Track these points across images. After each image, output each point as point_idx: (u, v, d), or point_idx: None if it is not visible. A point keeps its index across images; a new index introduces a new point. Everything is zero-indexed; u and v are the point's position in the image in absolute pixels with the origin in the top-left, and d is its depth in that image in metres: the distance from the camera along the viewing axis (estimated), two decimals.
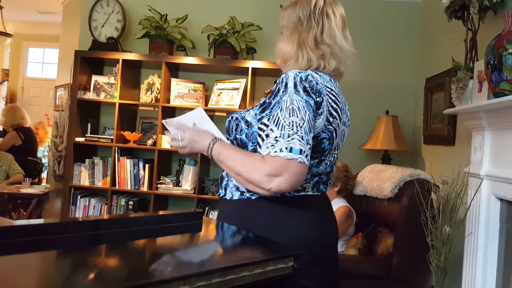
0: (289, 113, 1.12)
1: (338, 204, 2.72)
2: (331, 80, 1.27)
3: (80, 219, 1.06)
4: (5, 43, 6.72)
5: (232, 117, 1.29)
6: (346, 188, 2.83)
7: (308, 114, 1.13)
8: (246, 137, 1.23)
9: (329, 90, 1.23)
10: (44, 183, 4.88)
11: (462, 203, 2.08)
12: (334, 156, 1.30)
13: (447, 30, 2.84)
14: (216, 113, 3.73)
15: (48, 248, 0.90)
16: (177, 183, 3.55)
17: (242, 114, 1.27)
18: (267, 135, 1.14)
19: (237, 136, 1.26)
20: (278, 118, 1.13)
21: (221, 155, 1.22)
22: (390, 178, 2.61)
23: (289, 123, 1.11)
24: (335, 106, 1.23)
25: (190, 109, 3.75)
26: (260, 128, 1.17)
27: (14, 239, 0.88)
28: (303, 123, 1.11)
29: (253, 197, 1.24)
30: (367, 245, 2.64)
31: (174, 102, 3.55)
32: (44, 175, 5.49)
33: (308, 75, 1.18)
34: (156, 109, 3.66)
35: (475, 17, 2.30)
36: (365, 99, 3.65)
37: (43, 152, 5.78)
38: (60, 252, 0.92)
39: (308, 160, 1.11)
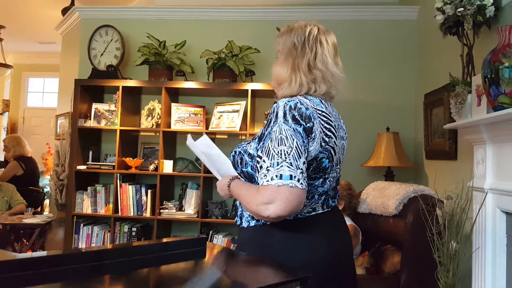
0: (278, 143, 1.18)
1: None
2: (321, 102, 1.32)
3: (83, 250, 1.05)
4: (6, 74, 6.80)
5: (235, 152, 1.36)
6: (350, 206, 2.81)
7: (296, 141, 1.18)
8: (251, 169, 1.30)
9: (320, 112, 1.27)
10: (46, 212, 4.86)
11: (468, 217, 2.06)
12: (336, 171, 1.35)
13: (443, 46, 2.87)
14: (217, 136, 3.74)
15: (51, 281, 0.89)
16: (180, 208, 3.53)
17: (244, 148, 1.34)
18: (261, 166, 1.20)
19: (243, 169, 1.33)
20: (269, 148, 1.19)
21: (234, 194, 1.34)
22: (394, 195, 2.59)
23: (278, 152, 1.17)
24: (328, 126, 1.27)
25: (191, 133, 3.75)
26: (257, 161, 1.24)
27: (17, 272, 0.87)
28: (291, 151, 1.17)
29: (268, 222, 1.28)
30: (374, 264, 2.61)
31: (175, 126, 3.56)
32: (46, 202, 5.46)
33: (297, 102, 1.23)
34: (157, 134, 3.67)
35: (470, 33, 2.33)
36: (365, 117, 3.66)
37: (47, 180, 5.78)
38: (64, 285, 0.91)
39: (301, 183, 1.16)
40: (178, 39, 3.65)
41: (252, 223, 1.32)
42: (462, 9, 2.20)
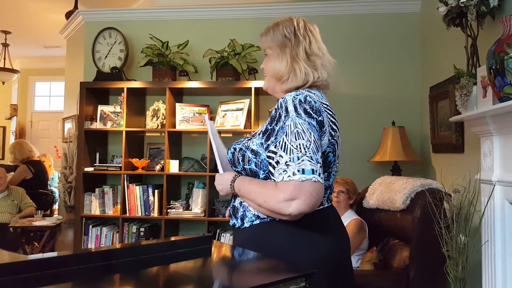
0: (295, 137, 1.14)
1: (349, 217, 2.71)
2: (322, 95, 1.31)
3: (92, 250, 1.06)
4: (13, 79, 6.87)
5: (235, 149, 1.30)
6: (356, 200, 2.89)
7: (313, 135, 1.16)
8: (255, 166, 1.24)
9: (325, 106, 1.26)
10: (55, 214, 4.90)
11: (476, 210, 2.05)
12: (337, 165, 1.34)
13: (447, 38, 2.85)
14: (222, 134, 3.75)
15: (62, 281, 0.90)
16: (187, 207, 3.55)
17: (246, 144, 1.28)
18: (277, 162, 1.16)
19: (245, 166, 1.27)
20: (285, 143, 1.15)
21: (241, 191, 1.26)
22: (401, 189, 2.58)
23: (297, 146, 1.13)
24: (333, 120, 1.27)
25: (197, 132, 3.74)
26: (269, 157, 1.19)
27: (27, 274, 0.88)
28: (310, 144, 1.14)
29: (268, 219, 1.23)
30: (382, 259, 2.60)
31: (180, 126, 3.58)
32: (56, 206, 5.51)
33: (306, 96, 1.20)
34: (163, 134, 3.69)
35: (474, 23, 2.30)
36: (370, 111, 3.65)
37: (49, 185, 5.83)
38: (75, 285, 0.92)
39: (322, 178, 1.14)
40: (180, 39, 3.66)
41: (257, 221, 1.25)
42: None
